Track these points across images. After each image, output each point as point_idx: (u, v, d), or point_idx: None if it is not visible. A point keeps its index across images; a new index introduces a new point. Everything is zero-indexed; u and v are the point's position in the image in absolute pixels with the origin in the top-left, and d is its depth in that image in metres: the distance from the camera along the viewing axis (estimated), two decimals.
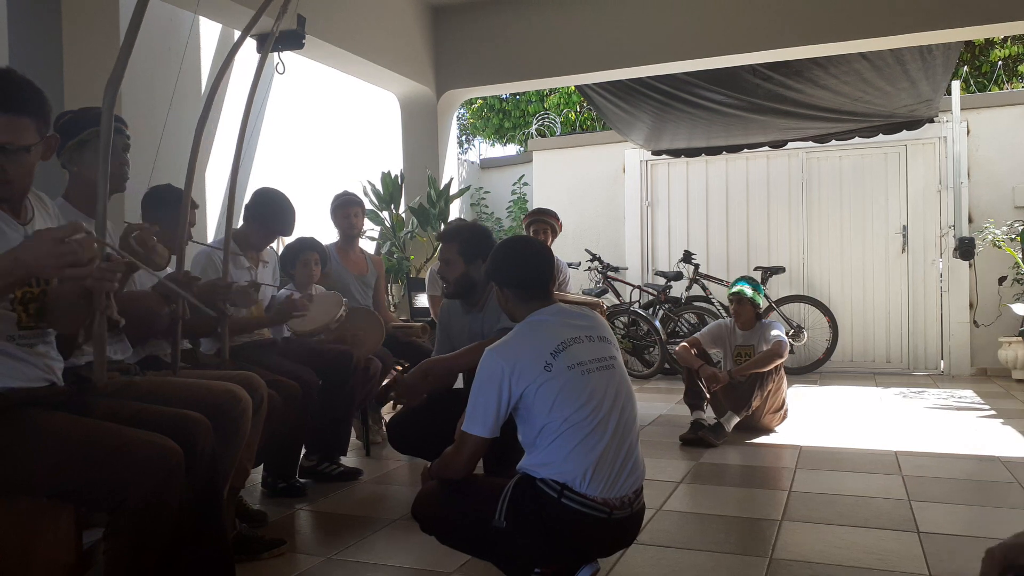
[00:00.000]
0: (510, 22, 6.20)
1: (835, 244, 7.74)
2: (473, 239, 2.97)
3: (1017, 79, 10.09)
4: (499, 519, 1.98)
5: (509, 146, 12.66)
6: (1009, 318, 6.90)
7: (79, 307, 1.79)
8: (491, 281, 2.31)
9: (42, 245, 1.50)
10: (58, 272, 1.51)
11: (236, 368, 2.74)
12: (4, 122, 1.69)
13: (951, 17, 5.10)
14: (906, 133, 7.10)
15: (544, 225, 4.74)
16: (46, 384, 1.85)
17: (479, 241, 2.96)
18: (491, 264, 2.29)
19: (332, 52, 5.26)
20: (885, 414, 5.26)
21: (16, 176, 1.75)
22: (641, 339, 7.41)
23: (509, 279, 2.22)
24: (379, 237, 6.17)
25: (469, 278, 2.95)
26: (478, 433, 2.02)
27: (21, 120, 1.71)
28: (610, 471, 2.01)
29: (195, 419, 1.99)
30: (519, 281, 2.20)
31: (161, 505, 1.72)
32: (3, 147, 1.70)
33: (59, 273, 1.52)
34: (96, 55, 3.39)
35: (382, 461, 4.08)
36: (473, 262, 2.93)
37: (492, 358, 2.03)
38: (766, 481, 3.61)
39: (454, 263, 2.95)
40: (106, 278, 1.70)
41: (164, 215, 2.84)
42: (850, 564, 2.49)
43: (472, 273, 2.94)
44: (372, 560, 2.59)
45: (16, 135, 1.71)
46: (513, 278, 2.21)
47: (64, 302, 1.83)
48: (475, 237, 2.98)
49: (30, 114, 1.73)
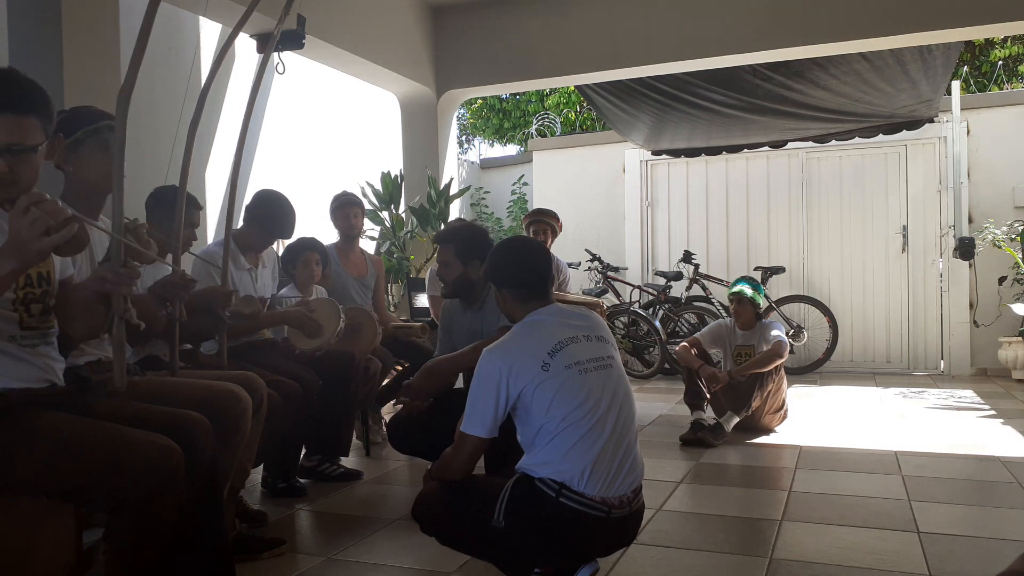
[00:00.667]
0: (510, 22, 6.20)
1: (835, 244, 7.74)
2: (470, 240, 2.98)
3: (1017, 79, 10.09)
4: (498, 519, 1.98)
5: (509, 146, 12.67)
6: (1009, 318, 6.91)
7: (97, 311, 1.80)
8: (491, 282, 2.31)
9: (11, 224, 1.51)
10: (38, 245, 1.51)
11: (236, 368, 2.74)
12: (11, 123, 1.68)
13: (951, 17, 5.10)
14: (906, 133, 7.10)
15: (544, 225, 4.74)
16: (46, 384, 1.85)
17: (476, 242, 2.98)
18: (489, 265, 2.30)
19: (332, 52, 5.26)
20: (885, 414, 5.26)
21: (24, 176, 1.74)
22: (641, 339, 7.41)
23: (507, 280, 2.22)
24: (379, 237, 6.17)
25: (467, 279, 2.97)
26: (477, 433, 2.02)
27: (27, 120, 1.71)
28: (608, 470, 2.01)
29: (195, 419, 1.99)
30: (517, 282, 2.21)
31: (161, 505, 1.72)
32: (10, 148, 1.69)
33: (40, 244, 1.51)
34: (96, 55, 3.39)
35: (382, 461, 4.08)
36: (470, 263, 2.95)
37: (490, 359, 2.04)
38: (766, 481, 3.61)
39: (452, 265, 2.97)
40: (123, 283, 1.71)
41: (168, 215, 2.84)
42: (850, 564, 2.49)
43: (470, 274, 2.96)
44: (372, 560, 2.59)
45: (23, 135, 1.70)
46: (511, 279, 2.22)
47: (81, 309, 1.83)
48: (472, 238, 3.00)
49: (36, 113, 1.72)
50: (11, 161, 1.70)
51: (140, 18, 2.01)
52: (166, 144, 3.62)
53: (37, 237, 1.49)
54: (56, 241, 1.51)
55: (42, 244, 1.51)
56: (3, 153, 1.69)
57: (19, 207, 1.50)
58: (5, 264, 1.54)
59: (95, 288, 1.79)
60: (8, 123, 1.68)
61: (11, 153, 1.70)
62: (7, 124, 1.68)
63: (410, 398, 2.71)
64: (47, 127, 1.76)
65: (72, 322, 1.86)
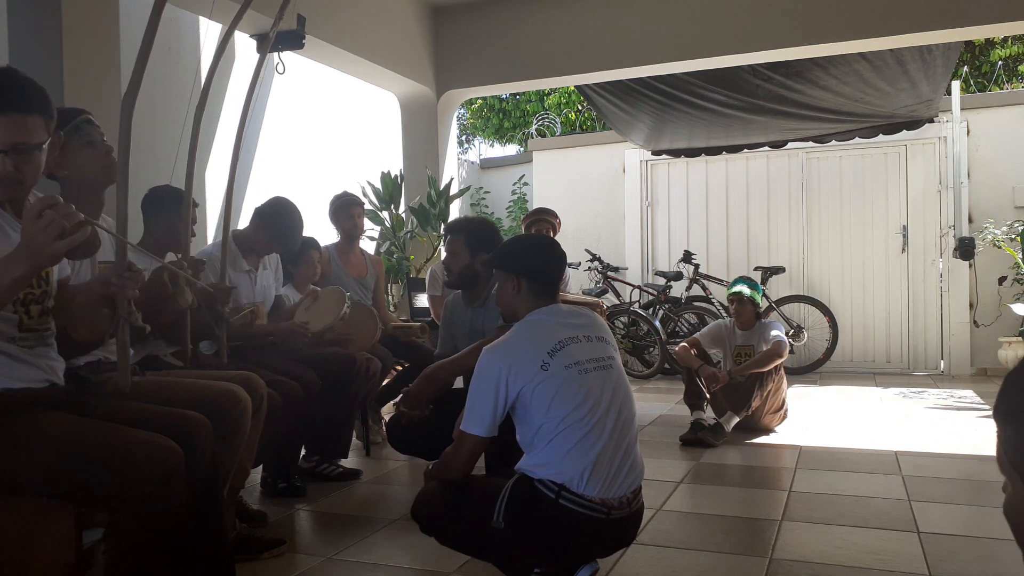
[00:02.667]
0: (510, 22, 6.20)
1: (835, 244, 7.74)
2: (480, 233, 3.04)
3: (1017, 79, 10.09)
4: (497, 520, 1.98)
5: (509, 146, 12.67)
6: (1009, 318, 6.90)
7: (102, 314, 1.80)
8: (506, 270, 2.22)
9: (26, 227, 1.51)
10: (52, 248, 1.51)
11: (236, 368, 2.74)
12: (15, 122, 1.68)
13: (951, 17, 5.10)
14: (906, 133, 7.10)
15: (545, 224, 4.75)
16: (46, 384, 1.85)
17: (486, 235, 3.03)
18: (508, 253, 2.26)
19: (332, 52, 5.26)
20: (885, 414, 5.26)
21: (28, 175, 1.75)
22: (641, 339, 7.41)
23: (527, 269, 2.18)
24: (379, 237, 6.17)
25: (472, 270, 3.01)
26: (476, 432, 2.02)
27: (31, 118, 1.70)
28: (608, 471, 2.00)
29: (195, 419, 1.99)
30: (537, 273, 2.17)
31: (161, 505, 1.72)
32: (15, 147, 1.69)
33: (54, 249, 1.51)
34: (96, 55, 3.39)
35: (382, 461, 4.08)
36: (478, 254, 2.99)
37: (489, 357, 2.04)
38: (766, 481, 3.61)
39: (460, 254, 3.02)
40: (127, 286, 1.70)
41: (163, 216, 2.84)
42: (850, 564, 2.49)
43: (476, 266, 3.00)
44: (372, 560, 2.59)
45: (27, 134, 1.70)
46: (532, 269, 2.18)
47: (86, 312, 1.83)
48: (483, 231, 3.06)
49: (38, 112, 1.72)
50: (16, 160, 1.70)
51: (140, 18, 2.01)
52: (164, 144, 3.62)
53: (51, 241, 1.49)
54: (70, 244, 1.51)
55: (56, 248, 1.50)
56: (8, 152, 1.69)
57: (33, 210, 1.50)
58: (17, 267, 1.54)
59: (99, 291, 1.78)
60: (12, 123, 1.68)
61: (16, 152, 1.70)
62: (11, 124, 1.68)
63: (408, 407, 2.64)
64: (49, 125, 1.76)
65: (75, 324, 1.86)
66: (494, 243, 2.99)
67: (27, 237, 1.51)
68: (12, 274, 1.54)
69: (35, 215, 1.49)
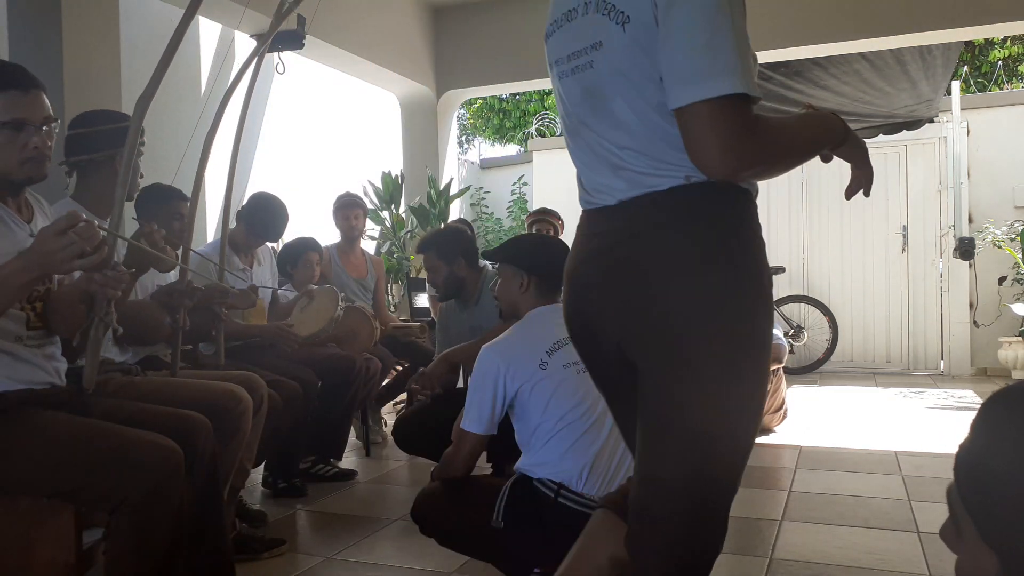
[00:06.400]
0: (510, 22, 6.20)
1: (835, 244, 7.73)
2: (445, 240, 3.13)
3: (1017, 79, 10.09)
4: (497, 520, 1.99)
5: (509, 146, 12.66)
6: (1009, 318, 6.90)
7: (78, 311, 1.79)
8: (516, 266, 2.20)
9: (46, 242, 1.50)
10: (68, 266, 1.51)
11: (236, 369, 2.74)
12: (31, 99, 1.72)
13: (951, 17, 5.10)
14: (906, 133, 7.09)
15: (547, 224, 4.75)
16: (47, 384, 1.85)
17: (452, 239, 3.13)
18: (520, 250, 2.25)
19: (332, 52, 5.26)
20: (885, 414, 5.26)
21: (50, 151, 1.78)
22: None
23: (540, 265, 2.18)
24: (379, 237, 6.17)
25: (455, 276, 3.10)
26: (474, 430, 2.03)
27: (41, 92, 1.76)
28: (607, 470, 2.01)
29: (195, 419, 1.99)
30: (548, 271, 2.16)
31: (161, 505, 1.72)
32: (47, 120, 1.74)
33: (70, 267, 1.52)
34: (96, 55, 3.39)
35: (382, 461, 4.08)
36: (454, 260, 3.07)
37: (487, 355, 2.05)
38: (766, 481, 3.61)
39: (437, 268, 3.08)
40: (111, 285, 1.70)
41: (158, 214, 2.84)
42: (850, 564, 2.49)
43: (456, 271, 3.09)
44: (372, 560, 2.59)
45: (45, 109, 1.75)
46: (545, 266, 2.17)
47: (64, 305, 1.83)
48: (447, 238, 3.15)
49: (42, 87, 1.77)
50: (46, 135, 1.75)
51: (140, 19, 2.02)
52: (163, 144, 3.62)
53: (69, 260, 1.50)
54: (85, 265, 1.52)
55: (72, 266, 1.52)
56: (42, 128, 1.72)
57: (57, 228, 1.49)
58: (27, 272, 1.53)
59: (83, 288, 1.78)
60: (37, 98, 1.73)
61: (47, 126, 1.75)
62: (39, 100, 1.74)
63: (421, 385, 2.73)
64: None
65: (54, 317, 1.85)
66: (462, 243, 3.12)
67: (45, 251, 1.50)
68: (21, 279, 1.54)
69: (58, 233, 1.49)
